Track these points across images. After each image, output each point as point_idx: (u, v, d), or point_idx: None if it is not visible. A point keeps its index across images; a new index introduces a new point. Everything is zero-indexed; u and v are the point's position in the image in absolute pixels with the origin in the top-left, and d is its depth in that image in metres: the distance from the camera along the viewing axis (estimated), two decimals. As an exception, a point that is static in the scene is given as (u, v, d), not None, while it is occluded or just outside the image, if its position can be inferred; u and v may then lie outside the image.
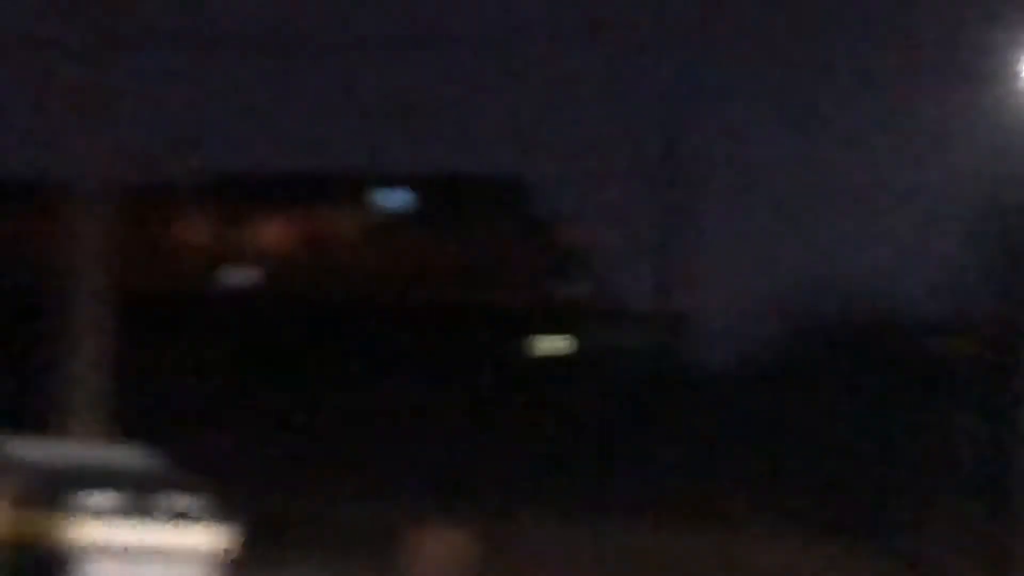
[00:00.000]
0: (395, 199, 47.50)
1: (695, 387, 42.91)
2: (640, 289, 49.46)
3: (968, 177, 37.75)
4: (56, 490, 22.13)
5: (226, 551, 22.48)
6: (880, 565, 31.12)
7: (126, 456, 24.22)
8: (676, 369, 45.43)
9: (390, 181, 48.03)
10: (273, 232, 48.37)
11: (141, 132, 35.48)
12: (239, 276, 48.23)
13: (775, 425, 36.82)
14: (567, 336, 47.65)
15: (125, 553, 21.88)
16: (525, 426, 38.14)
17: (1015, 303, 29.55)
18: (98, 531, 21.80)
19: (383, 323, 44.25)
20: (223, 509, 22.64)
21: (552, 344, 47.46)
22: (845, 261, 69.96)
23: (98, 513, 21.85)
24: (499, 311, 45.41)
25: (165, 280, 45.33)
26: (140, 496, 22.31)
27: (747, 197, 76.37)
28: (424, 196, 47.06)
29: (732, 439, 36.34)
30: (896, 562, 31.00)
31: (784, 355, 43.35)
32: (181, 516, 22.39)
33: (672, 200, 48.08)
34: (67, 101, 30.22)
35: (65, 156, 30.46)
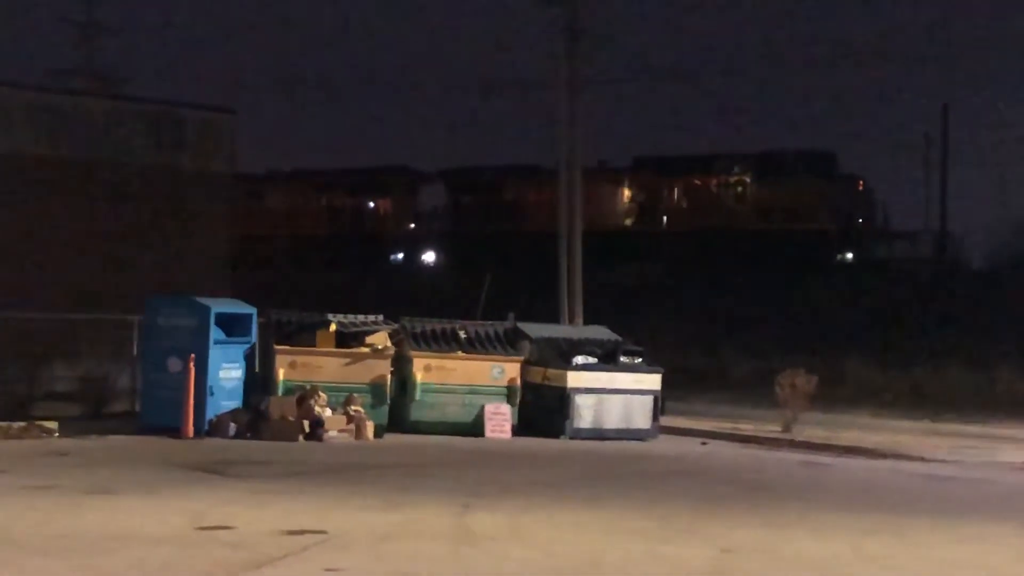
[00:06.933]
0: (750, 167, 47.39)
1: (955, 279, 41.58)
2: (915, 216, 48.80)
3: None
4: (556, 353, 22.89)
5: (659, 389, 23.21)
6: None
7: (596, 332, 24.59)
8: (942, 269, 44.13)
9: (742, 157, 48.00)
10: (671, 192, 48.85)
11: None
12: (651, 221, 48.94)
13: (1014, 305, 35.76)
14: (863, 249, 47.14)
15: (600, 391, 22.43)
16: (844, 307, 37.20)
17: None
18: (583, 378, 22.42)
19: (746, 243, 44.17)
20: (656, 363, 23.38)
21: (853, 255, 47.03)
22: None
23: (583, 366, 22.53)
24: (820, 234, 45.09)
25: (609, 222, 46.52)
26: (607, 356, 23.19)
27: (989, 154, 74.00)
28: (771, 163, 46.86)
29: (985, 316, 35.17)
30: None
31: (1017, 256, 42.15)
32: (632, 367, 23.27)
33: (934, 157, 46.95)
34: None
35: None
